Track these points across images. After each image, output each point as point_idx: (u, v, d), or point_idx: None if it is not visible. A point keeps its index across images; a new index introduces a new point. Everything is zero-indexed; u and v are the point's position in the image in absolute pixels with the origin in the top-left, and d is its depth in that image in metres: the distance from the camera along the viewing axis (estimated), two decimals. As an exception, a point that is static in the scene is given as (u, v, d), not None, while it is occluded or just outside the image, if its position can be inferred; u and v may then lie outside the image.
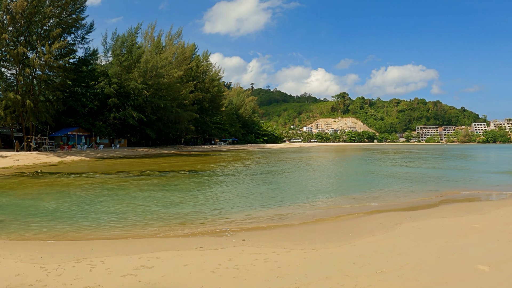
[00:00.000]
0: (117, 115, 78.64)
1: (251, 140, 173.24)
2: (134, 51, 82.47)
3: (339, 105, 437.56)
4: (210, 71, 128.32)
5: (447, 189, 22.99)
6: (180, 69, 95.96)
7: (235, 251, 9.28)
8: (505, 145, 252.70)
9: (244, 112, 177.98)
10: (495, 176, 29.41)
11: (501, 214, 14.33)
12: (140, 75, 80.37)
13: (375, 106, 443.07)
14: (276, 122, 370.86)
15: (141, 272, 7.61)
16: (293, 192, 21.46)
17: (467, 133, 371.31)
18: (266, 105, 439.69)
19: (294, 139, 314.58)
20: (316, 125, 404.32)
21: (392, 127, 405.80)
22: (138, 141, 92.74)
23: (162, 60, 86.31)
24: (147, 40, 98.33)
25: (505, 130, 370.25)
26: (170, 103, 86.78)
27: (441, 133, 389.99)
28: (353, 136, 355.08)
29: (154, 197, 18.94)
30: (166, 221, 13.47)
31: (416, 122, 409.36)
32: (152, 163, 46.22)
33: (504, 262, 8.08)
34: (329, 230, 12.32)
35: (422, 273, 7.46)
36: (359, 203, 17.86)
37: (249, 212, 15.36)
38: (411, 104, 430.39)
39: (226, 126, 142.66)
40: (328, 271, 7.70)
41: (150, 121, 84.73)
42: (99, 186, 22.88)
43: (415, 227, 12.00)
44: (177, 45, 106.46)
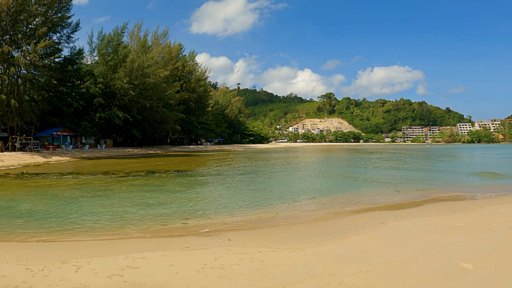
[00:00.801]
0: (102, 115, 78.21)
1: (237, 140, 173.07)
2: (120, 50, 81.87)
3: (325, 106, 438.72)
4: (196, 71, 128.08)
5: (431, 189, 23.20)
6: (166, 69, 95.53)
7: (221, 251, 9.31)
8: (490, 145, 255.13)
9: (230, 112, 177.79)
10: (475, 178, 29.60)
11: (485, 213, 14.48)
12: (126, 75, 79.90)
13: (361, 106, 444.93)
14: (262, 122, 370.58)
15: (126, 273, 7.62)
16: (278, 192, 21.54)
17: (452, 133, 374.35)
18: (252, 105, 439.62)
19: (280, 139, 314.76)
20: (302, 125, 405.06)
21: (378, 128, 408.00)
22: (124, 141, 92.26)
23: (148, 59, 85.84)
24: (133, 40, 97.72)
25: (489, 130, 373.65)
26: (156, 103, 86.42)
27: (427, 133, 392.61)
28: (339, 136, 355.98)
29: (140, 197, 18.91)
30: (152, 221, 13.48)
31: (402, 122, 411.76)
32: (137, 163, 46.05)
33: (487, 260, 8.19)
34: (314, 229, 12.39)
35: (406, 271, 7.55)
36: (344, 203, 17.97)
37: (235, 212, 15.43)
38: (397, 104, 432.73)
39: (212, 126, 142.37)
40: (313, 270, 7.75)
41: (136, 121, 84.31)
42: (84, 187, 22.79)
43: (399, 226, 12.11)
44: (163, 45, 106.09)
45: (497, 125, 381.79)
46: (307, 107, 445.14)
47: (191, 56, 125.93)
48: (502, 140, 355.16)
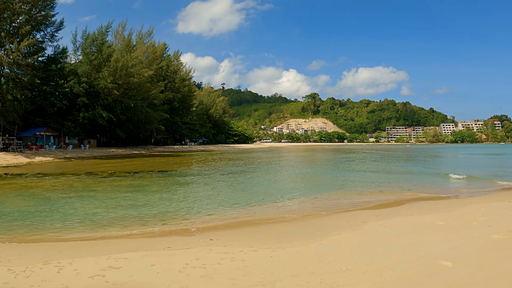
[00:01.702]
0: (86, 115, 77.71)
1: (222, 140, 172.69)
2: (104, 49, 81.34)
3: (309, 106, 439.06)
4: (181, 71, 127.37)
5: (413, 188, 23.42)
6: (151, 68, 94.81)
7: (203, 251, 9.34)
8: (472, 145, 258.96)
9: (215, 112, 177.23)
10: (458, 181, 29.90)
11: (466, 212, 14.65)
12: (110, 74, 79.17)
13: (345, 106, 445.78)
14: (246, 122, 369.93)
15: (108, 273, 7.62)
16: (261, 192, 21.63)
17: (436, 133, 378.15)
18: (237, 105, 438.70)
19: (265, 139, 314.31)
20: (287, 126, 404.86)
21: (362, 128, 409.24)
22: (107, 142, 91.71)
23: (133, 59, 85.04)
24: (117, 39, 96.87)
25: (472, 131, 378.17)
26: (140, 103, 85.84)
27: (410, 133, 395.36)
28: (324, 137, 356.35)
29: (123, 197, 18.89)
30: (134, 221, 13.50)
31: (386, 122, 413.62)
32: (121, 163, 45.91)
33: (467, 258, 8.31)
34: (296, 229, 12.47)
35: (386, 270, 7.61)
36: (327, 202, 18.10)
37: (217, 212, 15.49)
38: (381, 105, 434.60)
39: (196, 126, 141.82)
40: (294, 269, 7.81)
41: (119, 121, 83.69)
42: (67, 187, 22.69)
43: (381, 225, 12.22)
44: (148, 44, 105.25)
45: (480, 125, 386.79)
46: (291, 107, 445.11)
47: (175, 56, 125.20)
48: (485, 140, 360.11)
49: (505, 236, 10.24)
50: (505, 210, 14.81)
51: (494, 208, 15.28)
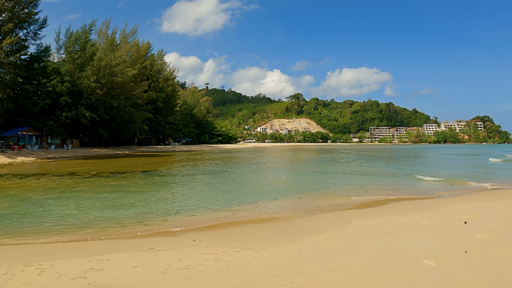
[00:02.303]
0: (69, 114, 76.95)
1: (205, 141, 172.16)
2: (88, 48, 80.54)
3: (293, 106, 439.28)
4: (165, 71, 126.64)
5: (396, 188, 23.71)
6: (134, 67, 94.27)
7: (186, 252, 9.32)
8: (454, 145, 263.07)
9: (199, 112, 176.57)
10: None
11: (448, 211, 14.76)
12: (93, 73, 78.37)
13: (329, 107, 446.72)
14: (230, 122, 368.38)
15: (90, 275, 7.56)
16: (243, 192, 21.65)
17: (419, 133, 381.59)
18: (221, 105, 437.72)
19: (248, 139, 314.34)
20: (271, 126, 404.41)
21: (345, 128, 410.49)
22: (90, 141, 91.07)
23: (116, 58, 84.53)
24: (101, 38, 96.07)
25: (455, 131, 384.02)
26: (124, 102, 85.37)
27: (394, 134, 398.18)
28: (307, 137, 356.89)
29: (106, 198, 18.80)
30: (117, 222, 13.43)
31: (369, 123, 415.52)
32: (104, 164, 45.69)
33: (449, 257, 8.32)
34: (279, 229, 12.51)
35: (370, 269, 7.62)
36: (310, 202, 18.20)
37: (200, 212, 15.49)
38: (365, 105, 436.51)
39: (180, 126, 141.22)
40: (277, 269, 7.81)
41: (103, 120, 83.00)
42: (49, 188, 22.49)
43: (364, 225, 12.27)
44: (131, 43, 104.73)
45: (463, 126, 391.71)
46: (275, 108, 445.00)
47: (159, 55, 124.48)
48: (468, 141, 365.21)
49: (488, 235, 10.28)
50: (487, 209, 14.91)
51: (476, 208, 15.40)
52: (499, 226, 11.51)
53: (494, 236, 10.17)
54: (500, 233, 10.48)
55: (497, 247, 9.01)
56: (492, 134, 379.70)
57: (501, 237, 10.07)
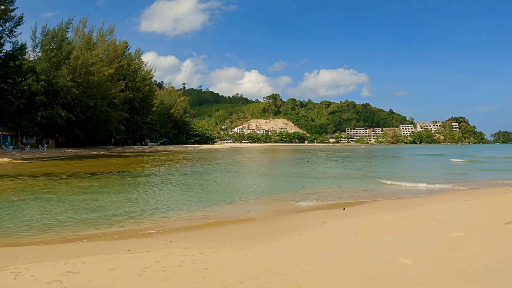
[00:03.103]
0: (44, 114, 75.91)
1: (182, 141, 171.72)
2: (64, 46, 79.61)
3: (270, 106, 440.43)
4: (142, 70, 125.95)
5: (374, 188, 23.88)
6: (111, 67, 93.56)
7: (163, 253, 9.26)
8: (429, 146, 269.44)
9: (176, 112, 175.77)
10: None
11: (424, 210, 14.93)
12: (69, 72, 77.64)
13: (306, 107, 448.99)
14: (207, 122, 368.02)
15: (66, 278, 7.44)
16: (220, 193, 21.66)
17: (395, 134, 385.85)
18: (198, 106, 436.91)
19: (226, 139, 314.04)
20: (248, 126, 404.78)
21: (322, 128, 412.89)
22: (66, 142, 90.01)
23: (93, 57, 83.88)
24: (78, 36, 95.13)
25: (431, 132, 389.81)
26: (100, 102, 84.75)
27: (370, 134, 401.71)
28: (284, 137, 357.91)
29: (82, 199, 18.59)
30: (93, 224, 13.29)
31: (346, 123, 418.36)
32: (80, 164, 45.30)
33: (426, 256, 8.38)
34: (256, 229, 12.51)
35: (347, 269, 7.64)
36: (287, 202, 18.21)
37: (177, 213, 15.43)
38: (341, 106, 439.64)
39: (157, 127, 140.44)
40: (255, 270, 7.80)
41: (79, 120, 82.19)
42: (24, 190, 22.16)
43: (341, 225, 12.31)
44: (108, 42, 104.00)
45: (438, 126, 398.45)
46: (252, 108, 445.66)
47: (137, 55, 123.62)
48: (443, 141, 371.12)
49: (463, 233, 10.43)
50: (463, 208, 15.11)
51: (452, 207, 15.59)
52: (474, 224, 11.69)
53: (470, 234, 10.32)
54: (476, 232, 10.64)
55: (473, 245, 9.13)
56: (467, 135, 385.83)
57: (476, 235, 10.22)
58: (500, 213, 13.54)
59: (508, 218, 12.15)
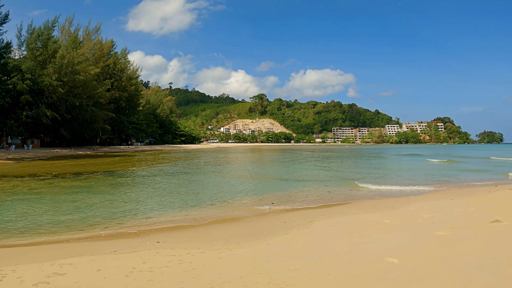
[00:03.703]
0: (30, 113, 74.91)
1: (168, 141, 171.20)
2: (50, 45, 78.67)
3: (257, 106, 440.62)
4: (128, 69, 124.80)
5: (360, 188, 24.08)
6: (97, 66, 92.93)
7: (150, 254, 9.24)
8: (414, 146, 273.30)
9: (162, 112, 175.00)
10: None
11: (410, 209, 15.09)
12: (55, 71, 76.84)
13: (293, 107, 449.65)
14: (193, 122, 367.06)
15: (53, 280, 7.38)
16: (207, 193, 21.65)
17: (381, 134, 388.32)
18: (184, 105, 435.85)
19: (212, 139, 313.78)
20: (234, 126, 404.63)
21: (309, 128, 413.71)
22: (52, 142, 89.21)
23: (79, 56, 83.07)
24: (64, 34, 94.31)
25: (416, 132, 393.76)
26: (86, 101, 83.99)
27: (356, 134, 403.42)
28: (271, 137, 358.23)
29: (67, 200, 18.45)
30: (80, 224, 13.20)
31: (332, 123, 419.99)
32: (66, 164, 45.02)
33: (412, 254, 8.51)
34: (243, 229, 12.52)
35: (334, 268, 7.70)
36: (273, 202, 18.22)
37: (163, 213, 15.39)
38: (328, 106, 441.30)
39: (143, 126, 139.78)
40: (242, 270, 7.82)
41: (64, 120, 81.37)
42: (9, 190, 21.96)
43: (328, 224, 12.38)
44: (94, 41, 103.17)
45: (424, 126, 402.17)
46: (239, 108, 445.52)
47: (123, 54, 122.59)
48: (428, 141, 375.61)
49: (449, 232, 10.58)
50: (448, 207, 15.30)
51: (438, 206, 15.78)
52: (460, 223, 11.85)
53: (456, 233, 10.48)
54: (461, 230, 10.79)
55: (458, 244, 9.27)
56: (452, 135, 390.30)
57: (462, 234, 10.37)
58: (485, 212, 13.81)
59: (493, 217, 12.39)
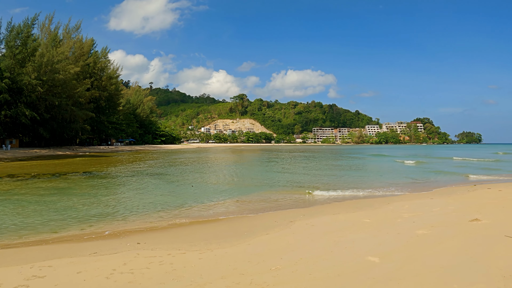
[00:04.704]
0: (8, 112, 74.03)
1: (149, 141, 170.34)
2: (30, 43, 77.72)
3: (237, 106, 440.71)
4: (108, 68, 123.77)
5: (341, 188, 23.93)
6: (77, 65, 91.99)
7: (130, 255, 9.17)
8: (395, 146, 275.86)
9: (142, 112, 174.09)
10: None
11: (390, 209, 15.26)
12: (34, 70, 75.92)
13: (273, 108, 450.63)
14: (174, 122, 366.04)
15: (33, 283, 7.27)
16: (187, 194, 21.53)
17: (361, 134, 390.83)
18: (165, 105, 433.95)
19: (192, 139, 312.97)
20: (214, 126, 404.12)
21: (289, 128, 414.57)
22: (31, 142, 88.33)
23: (59, 54, 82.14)
24: (43, 33, 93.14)
25: (396, 132, 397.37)
26: (65, 101, 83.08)
27: (336, 135, 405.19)
28: (251, 137, 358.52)
29: (47, 201, 18.19)
30: (59, 226, 13.00)
31: (313, 124, 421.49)
32: (45, 165, 44.64)
33: (393, 253, 8.60)
34: (224, 230, 12.50)
35: (315, 268, 7.74)
36: (254, 203, 18.30)
37: (144, 214, 15.29)
38: (308, 106, 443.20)
39: (123, 126, 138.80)
40: (224, 270, 7.82)
41: (43, 120, 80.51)
42: (-14, 190, 21.58)
43: (308, 224, 12.44)
44: (74, 39, 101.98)
45: (404, 127, 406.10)
46: (219, 108, 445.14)
47: (103, 53, 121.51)
48: (408, 141, 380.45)
49: (429, 231, 10.75)
50: (428, 206, 15.55)
51: (417, 205, 16.02)
52: (439, 222, 12.06)
53: (435, 231, 10.67)
54: (441, 229, 10.98)
55: (438, 242, 9.45)
56: (432, 135, 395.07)
57: (441, 232, 10.55)
58: (464, 211, 14.07)
59: (472, 216, 12.64)
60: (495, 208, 14.50)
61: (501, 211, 13.79)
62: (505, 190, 20.65)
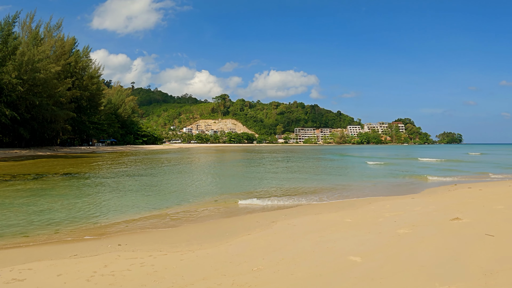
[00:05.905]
0: (-13, 112, 72.38)
1: (130, 141, 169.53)
2: (10, 41, 76.51)
3: (219, 107, 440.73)
4: (90, 68, 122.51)
5: (325, 187, 24.22)
6: (58, 64, 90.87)
7: (111, 257, 9.10)
8: (376, 146, 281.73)
9: (124, 112, 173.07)
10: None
11: (372, 208, 15.34)
12: (14, 69, 74.61)
13: (255, 108, 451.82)
14: (156, 122, 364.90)
15: (12, 286, 7.18)
16: (169, 194, 21.45)
17: (343, 134, 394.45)
18: (146, 105, 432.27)
19: (174, 140, 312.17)
20: (196, 126, 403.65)
21: (271, 129, 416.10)
22: (11, 142, 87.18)
23: (40, 53, 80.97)
24: (24, 31, 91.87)
25: (378, 132, 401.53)
26: (46, 100, 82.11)
27: (318, 135, 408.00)
28: (233, 137, 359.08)
29: (26, 203, 17.93)
30: (39, 228, 12.84)
31: (295, 124, 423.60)
32: (25, 165, 44.27)
33: (374, 252, 8.63)
34: (205, 230, 12.50)
35: (297, 268, 7.76)
36: (237, 203, 18.25)
37: (125, 215, 15.17)
38: (290, 107, 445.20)
39: (104, 126, 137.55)
40: (205, 271, 7.80)
41: (24, 119, 79.47)
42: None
43: (290, 224, 12.46)
44: (56, 38, 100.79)
45: (385, 127, 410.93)
46: (201, 108, 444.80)
47: (85, 52, 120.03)
48: (390, 142, 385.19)
49: (410, 230, 10.81)
50: (409, 206, 15.66)
51: (399, 205, 16.12)
52: (420, 221, 12.14)
53: (417, 231, 10.73)
54: (422, 228, 11.05)
55: (419, 241, 9.50)
56: (413, 136, 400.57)
57: (423, 231, 10.62)
58: (445, 210, 14.17)
59: (453, 215, 12.70)
60: (475, 207, 14.68)
61: (482, 210, 13.95)
62: (485, 190, 20.92)
